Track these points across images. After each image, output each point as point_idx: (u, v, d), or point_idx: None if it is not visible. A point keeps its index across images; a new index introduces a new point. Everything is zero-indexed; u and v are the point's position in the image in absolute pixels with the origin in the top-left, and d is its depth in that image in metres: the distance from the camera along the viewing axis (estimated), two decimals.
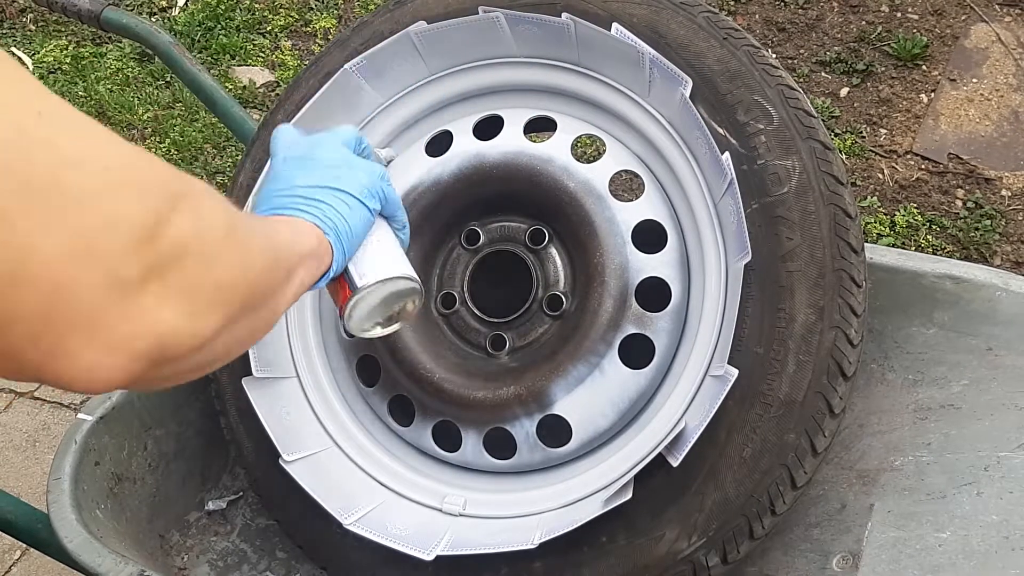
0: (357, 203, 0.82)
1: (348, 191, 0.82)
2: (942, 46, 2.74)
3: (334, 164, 0.84)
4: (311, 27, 3.15)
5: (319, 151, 0.85)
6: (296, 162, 0.84)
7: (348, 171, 0.84)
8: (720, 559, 0.95)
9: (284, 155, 0.86)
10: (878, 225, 2.32)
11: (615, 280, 1.05)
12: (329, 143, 0.87)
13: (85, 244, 0.43)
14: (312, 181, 0.81)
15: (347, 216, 0.81)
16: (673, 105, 1.06)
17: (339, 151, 0.87)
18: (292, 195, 0.80)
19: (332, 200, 0.80)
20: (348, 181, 0.83)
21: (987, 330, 1.10)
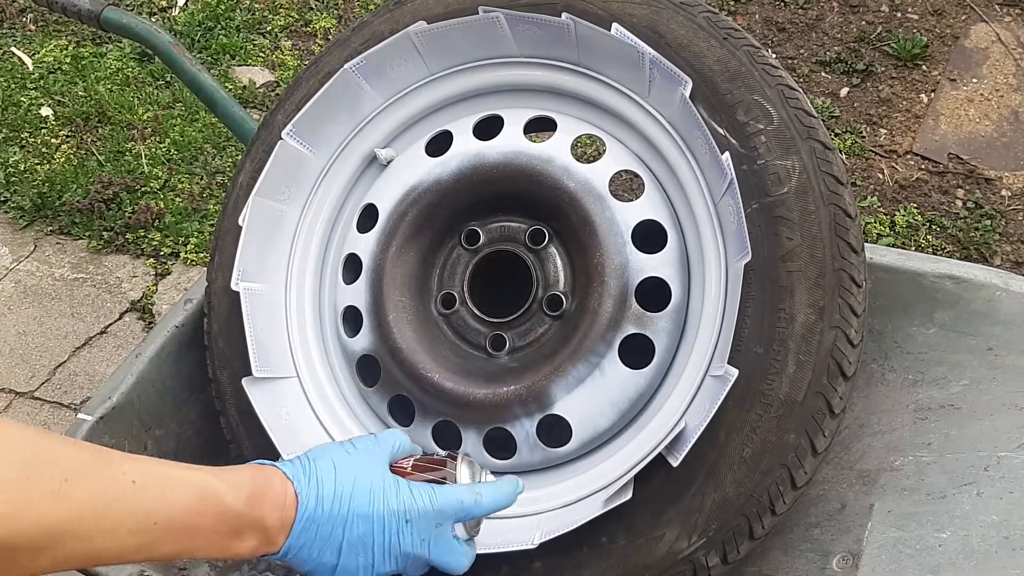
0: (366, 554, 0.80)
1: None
2: (942, 46, 2.74)
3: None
4: (311, 27, 3.15)
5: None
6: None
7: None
8: (720, 559, 0.95)
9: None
10: (878, 225, 2.32)
11: (615, 280, 1.05)
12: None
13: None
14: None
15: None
16: (673, 105, 1.06)
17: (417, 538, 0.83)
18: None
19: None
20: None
21: (987, 330, 1.10)
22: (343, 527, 0.78)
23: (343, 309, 1.19)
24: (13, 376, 2.32)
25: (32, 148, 2.86)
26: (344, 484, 0.79)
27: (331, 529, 0.78)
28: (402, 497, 0.82)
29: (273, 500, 0.76)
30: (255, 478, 0.76)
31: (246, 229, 1.18)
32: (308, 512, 0.77)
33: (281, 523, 0.77)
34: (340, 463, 0.81)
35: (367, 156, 1.24)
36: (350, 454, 0.82)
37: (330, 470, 0.80)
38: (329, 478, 0.79)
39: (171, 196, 2.66)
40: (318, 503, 0.78)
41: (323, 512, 0.78)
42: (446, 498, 0.84)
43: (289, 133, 1.19)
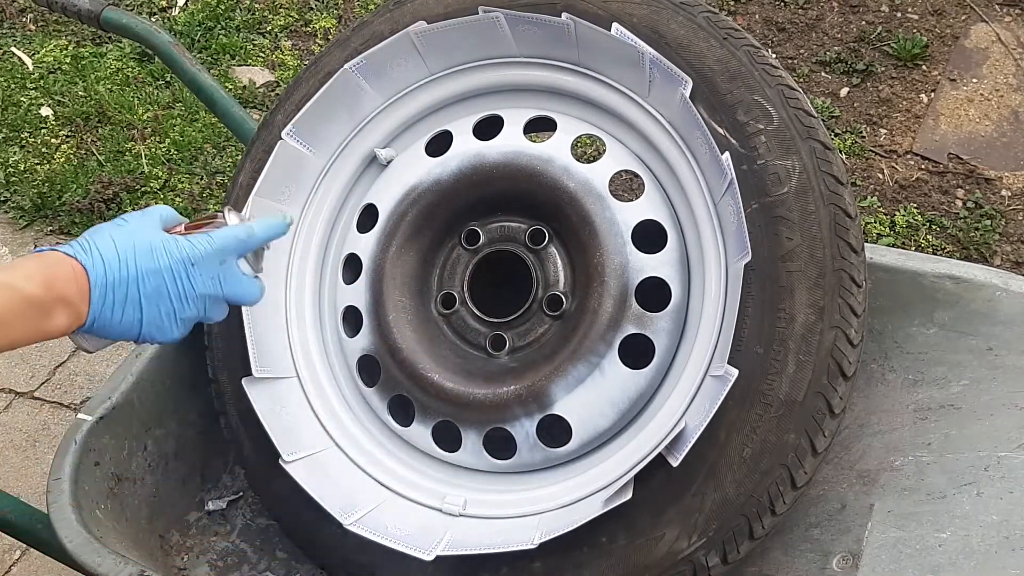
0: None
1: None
2: (942, 46, 2.74)
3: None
4: (311, 27, 3.15)
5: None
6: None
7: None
8: (720, 559, 0.95)
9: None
10: (878, 225, 2.32)
11: (615, 280, 1.05)
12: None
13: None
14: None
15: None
16: (673, 105, 1.06)
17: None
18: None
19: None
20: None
21: (987, 330, 1.10)
22: (136, 285, 0.86)
23: (343, 309, 1.19)
24: (13, 376, 2.32)
25: (32, 148, 2.86)
26: (125, 249, 0.87)
27: (126, 290, 0.86)
28: (182, 246, 0.90)
29: (64, 276, 0.83)
30: (42, 263, 0.83)
31: None
32: (99, 278, 0.85)
33: (79, 293, 0.83)
34: (116, 235, 0.88)
35: (367, 156, 1.24)
36: (121, 227, 0.89)
37: (108, 241, 0.87)
38: (109, 247, 0.86)
39: (171, 196, 2.66)
40: (107, 269, 0.85)
41: (114, 276, 0.85)
42: (223, 237, 0.93)
43: (289, 133, 1.19)
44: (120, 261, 0.86)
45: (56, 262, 0.84)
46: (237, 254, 0.95)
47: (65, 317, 0.83)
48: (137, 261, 0.87)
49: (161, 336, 0.90)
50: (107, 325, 0.87)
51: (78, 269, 0.84)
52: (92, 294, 0.84)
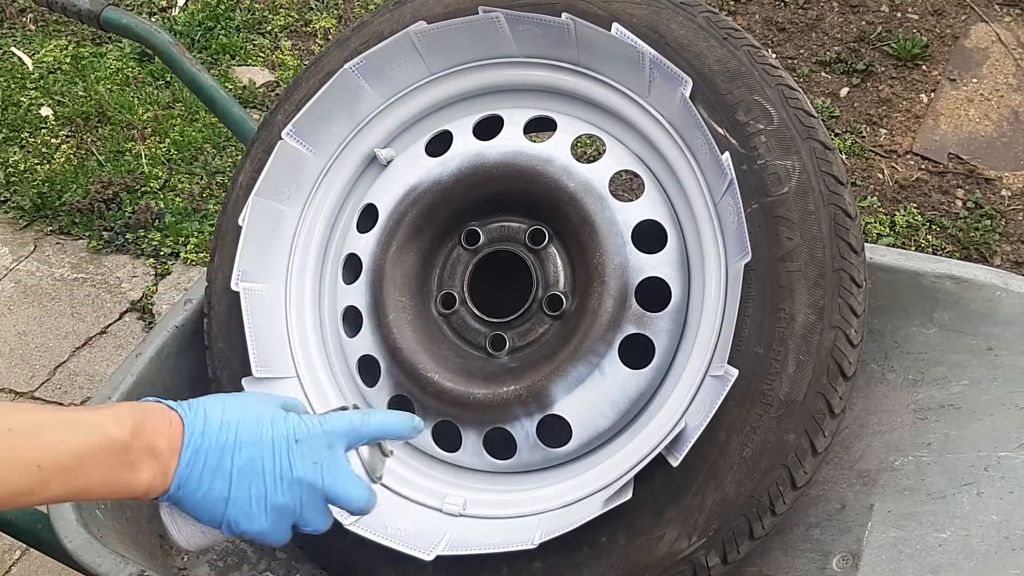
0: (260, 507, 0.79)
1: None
2: (942, 46, 2.74)
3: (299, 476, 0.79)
4: (311, 27, 3.15)
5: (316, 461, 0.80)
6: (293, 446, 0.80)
7: (285, 491, 0.79)
8: (720, 559, 0.95)
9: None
10: (878, 225, 2.32)
11: (615, 280, 1.05)
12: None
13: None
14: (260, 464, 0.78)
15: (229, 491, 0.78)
16: (673, 105, 1.06)
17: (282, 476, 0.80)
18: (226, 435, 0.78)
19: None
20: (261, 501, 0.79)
21: (987, 330, 1.10)
22: (231, 455, 0.77)
23: (343, 309, 1.19)
24: (13, 376, 2.32)
25: (32, 148, 2.86)
26: (231, 415, 0.78)
27: (219, 458, 0.76)
28: (290, 422, 0.80)
29: (157, 426, 0.75)
30: (137, 408, 0.76)
31: (246, 229, 1.18)
32: (194, 437, 0.76)
33: (170, 448, 0.75)
34: (228, 401, 0.80)
35: (367, 156, 1.24)
36: (239, 397, 0.82)
37: (217, 405, 0.79)
38: (216, 410, 0.78)
39: (171, 196, 2.66)
40: (205, 428, 0.76)
41: (211, 439, 0.76)
42: (335, 420, 0.83)
43: (289, 133, 1.19)
44: (222, 425, 0.78)
45: (152, 410, 0.76)
46: (347, 441, 0.83)
47: (149, 471, 0.74)
48: (239, 429, 0.78)
49: (247, 524, 0.78)
50: (191, 496, 0.77)
51: (175, 422, 0.76)
52: (183, 453, 0.76)
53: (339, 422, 0.82)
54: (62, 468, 0.70)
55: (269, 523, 0.79)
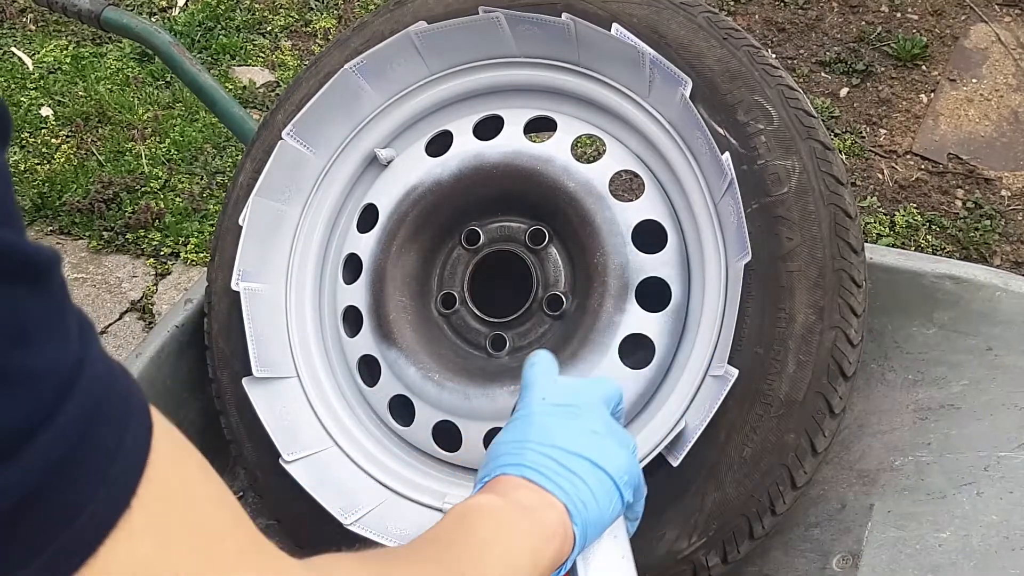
0: (614, 490, 0.69)
1: (609, 472, 0.68)
2: (942, 46, 2.74)
3: (599, 431, 0.71)
4: (311, 27, 3.15)
5: (585, 408, 0.73)
6: (559, 413, 0.71)
7: (612, 445, 0.70)
8: (720, 559, 0.95)
9: (544, 395, 0.74)
10: (878, 225, 2.32)
11: (615, 280, 1.05)
12: (595, 399, 0.74)
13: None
14: (574, 446, 0.68)
15: (600, 504, 0.67)
16: (673, 105, 1.06)
17: (604, 414, 0.74)
18: (549, 456, 0.66)
19: (591, 479, 0.67)
20: (611, 459, 0.69)
21: (987, 330, 1.10)
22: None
23: (343, 309, 1.19)
24: None
25: (32, 148, 2.86)
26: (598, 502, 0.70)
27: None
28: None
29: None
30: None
31: (246, 229, 1.18)
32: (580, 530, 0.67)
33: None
34: (594, 490, 0.69)
35: (367, 156, 1.24)
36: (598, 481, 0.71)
37: (590, 497, 0.69)
38: (591, 505, 0.69)
39: (171, 196, 2.66)
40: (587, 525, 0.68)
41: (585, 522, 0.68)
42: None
43: (289, 133, 1.19)
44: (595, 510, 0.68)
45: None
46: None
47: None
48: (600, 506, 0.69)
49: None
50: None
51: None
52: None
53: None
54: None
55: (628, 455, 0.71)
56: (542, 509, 0.64)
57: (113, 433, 0.31)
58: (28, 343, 0.28)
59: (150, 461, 0.32)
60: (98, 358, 0.32)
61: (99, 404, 0.30)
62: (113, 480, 0.30)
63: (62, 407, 0.29)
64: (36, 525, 0.28)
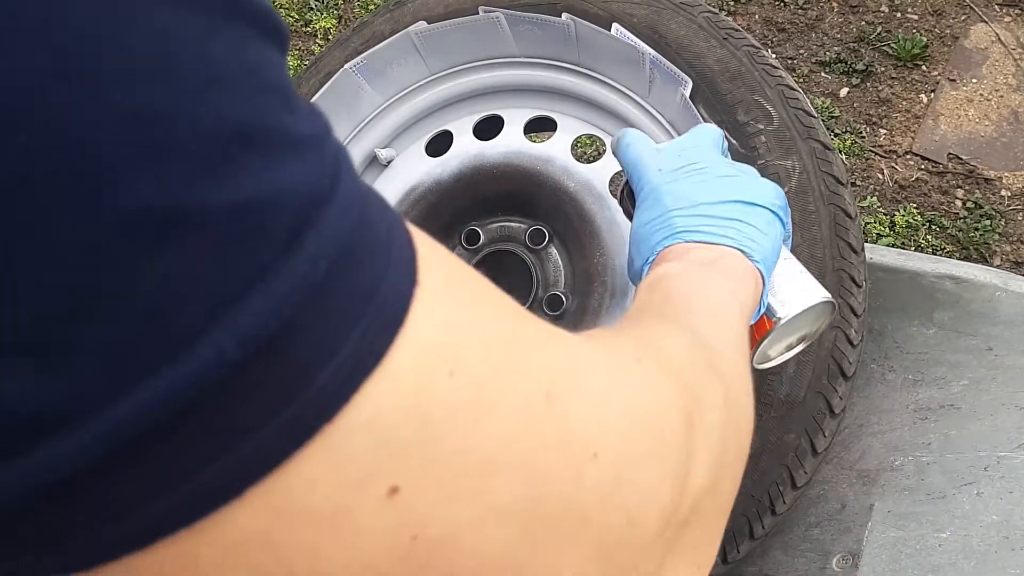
0: (773, 218, 0.67)
1: (763, 204, 0.67)
2: (942, 46, 2.74)
3: (730, 173, 0.69)
4: (311, 27, 3.16)
5: (704, 159, 0.70)
6: (683, 175, 0.69)
7: (750, 180, 0.69)
8: (720, 559, 0.95)
9: (659, 166, 0.70)
10: (878, 225, 2.32)
11: (615, 280, 1.05)
12: (707, 147, 0.72)
13: (604, 555, 0.31)
14: (720, 196, 0.66)
15: (769, 234, 0.66)
16: (673, 105, 1.06)
17: (720, 157, 0.72)
18: (700, 215, 0.64)
19: (750, 217, 0.65)
20: (757, 191, 0.68)
21: (987, 330, 1.10)
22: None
23: None
24: None
25: None
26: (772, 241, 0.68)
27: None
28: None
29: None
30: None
31: None
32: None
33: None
34: (763, 230, 0.68)
35: (367, 156, 1.24)
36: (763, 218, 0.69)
37: (764, 239, 0.67)
38: (766, 245, 0.68)
39: None
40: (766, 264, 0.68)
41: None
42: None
43: None
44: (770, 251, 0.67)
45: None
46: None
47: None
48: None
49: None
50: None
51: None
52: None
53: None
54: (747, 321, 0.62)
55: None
56: (723, 258, 0.62)
57: (382, 209, 0.29)
58: (295, 111, 0.26)
59: (416, 246, 0.29)
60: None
61: (363, 185, 0.28)
62: (396, 259, 0.27)
63: (339, 179, 0.27)
64: (346, 293, 0.25)
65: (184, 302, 0.23)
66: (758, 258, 0.64)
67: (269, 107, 0.25)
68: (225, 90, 0.24)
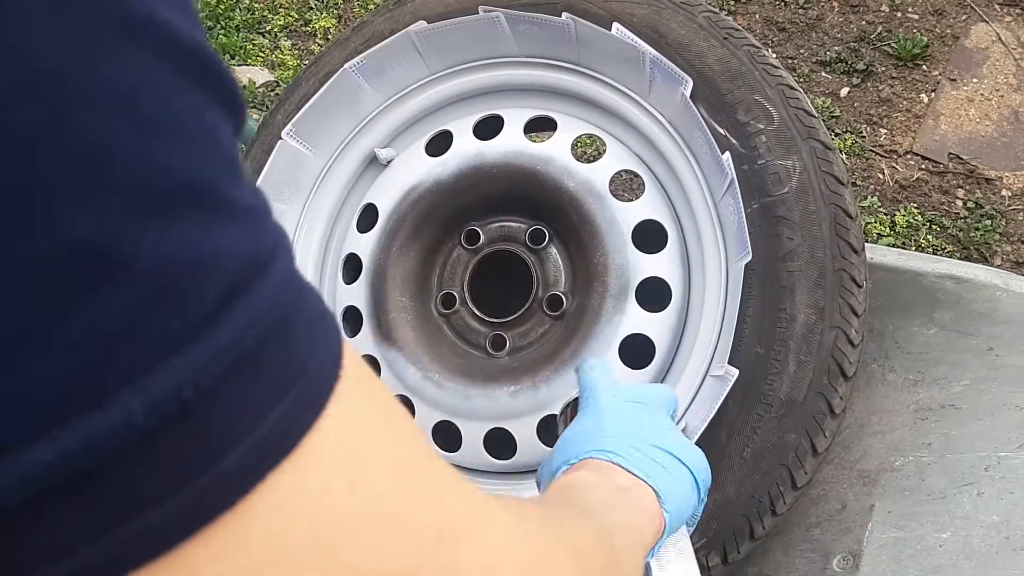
0: (694, 485, 0.68)
1: (690, 467, 0.68)
2: (942, 46, 2.74)
3: (672, 428, 0.71)
4: (311, 27, 3.15)
5: (653, 407, 0.72)
6: (632, 409, 0.71)
7: (688, 445, 0.70)
8: (720, 559, 0.95)
9: (612, 394, 0.73)
10: (878, 225, 2.32)
11: (615, 280, 1.05)
12: (659, 401, 0.74)
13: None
14: (655, 439, 0.67)
15: (684, 495, 0.66)
16: (673, 105, 1.06)
17: (669, 418, 0.74)
18: (633, 446, 0.65)
19: (675, 472, 0.66)
20: (690, 455, 0.69)
21: (987, 330, 1.10)
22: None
23: (343, 309, 1.19)
24: None
25: None
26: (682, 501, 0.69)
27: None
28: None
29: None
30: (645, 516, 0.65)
31: None
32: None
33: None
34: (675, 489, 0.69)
35: (367, 156, 1.24)
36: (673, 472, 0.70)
37: (676, 497, 0.69)
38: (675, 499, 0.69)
39: None
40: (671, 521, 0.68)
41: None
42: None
43: (289, 133, 1.19)
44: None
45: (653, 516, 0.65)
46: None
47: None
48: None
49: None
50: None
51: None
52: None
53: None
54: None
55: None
56: (637, 489, 0.63)
57: (316, 297, 0.29)
58: (238, 178, 0.26)
59: (342, 341, 0.29)
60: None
61: (295, 265, 0.28)
62: (324, 340, 0.27)
63: (277, 254, 0.26)
64: (272, 369, 0.25)
65: (107, 353, 0.22)
66: (668, 508, 0.64)
67: (221, 172, 0.25)
68: (183, 144, 0.24)
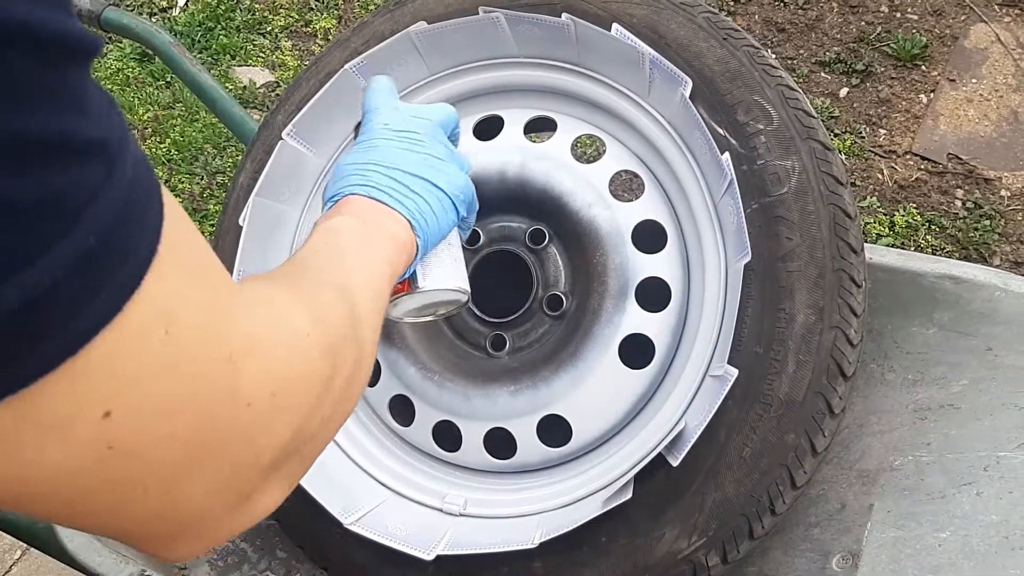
0: (451, 207, 0.79)
1: (447, 192, 0.78)
2: (942, 46, 2.74)
3: (438, 154, 0.80)
4: (311, 27, 3.15)
5: (424, 133, 0.80)
6: (399, 138, 0.79)
7: (449, 167, 0.79)
8: (720, 559, 0.95)
9: (386, 121, 0.81)
10: (877, 225, 2.33)
11: (615, 280, 1.05)
12: (434, 125, 0.82)
13: (233, 472, 0.44)
14: (415, 169, 0.77)
15: (439, 219, 0.77)
16: (673, 105, 1.06)
17: (442, 138, 0.82)
18: (393, 179, 0.75)
19: (431, 198, 0.76)
20: (448, 179, 0.78)
21: (987, 330, 1.10)
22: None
23: None
24: None
25: None
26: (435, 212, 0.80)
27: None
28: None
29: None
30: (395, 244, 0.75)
31: (246, 229, 1.18)
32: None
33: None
34: (428, 198, 0.79)
35: None
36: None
37: (428, 211, 0.79)
38: (430, 217, 0.79)
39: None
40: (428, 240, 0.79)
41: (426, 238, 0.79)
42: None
43: (289, 133, 1.19)
44: (433, 224, 0.79)
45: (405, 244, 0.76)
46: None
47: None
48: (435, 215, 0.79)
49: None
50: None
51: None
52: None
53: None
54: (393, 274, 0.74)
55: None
56: (391, 224, 0.74)
57: (145, 194, 0.38)
58: (82, 113, 0.35)
59: (164, 215, 0.39)
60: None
61: (135, 170, 0.38)
62: (146, 229, 0.37)
63: (113, 169, 0.36)
64: (104, 261, 0.35)
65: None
66: (420, 235, 0.75)
67: (66, 120, 0.33)
68: (31, 110, 0.32)
